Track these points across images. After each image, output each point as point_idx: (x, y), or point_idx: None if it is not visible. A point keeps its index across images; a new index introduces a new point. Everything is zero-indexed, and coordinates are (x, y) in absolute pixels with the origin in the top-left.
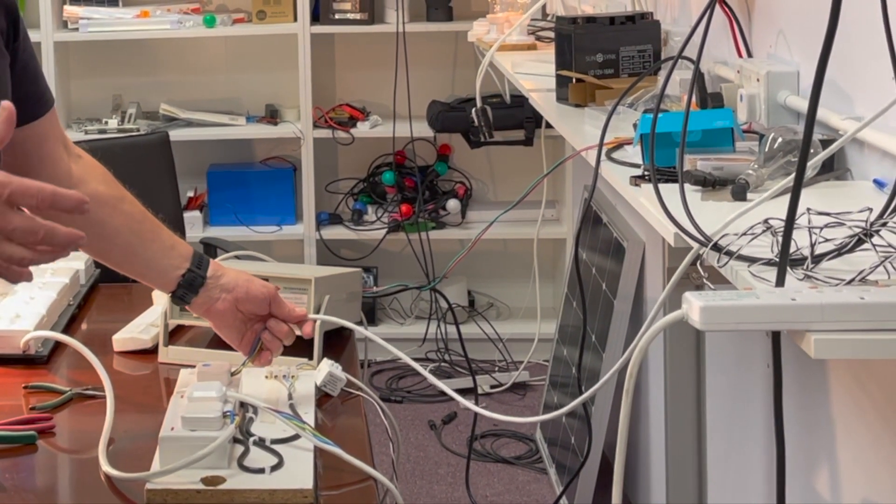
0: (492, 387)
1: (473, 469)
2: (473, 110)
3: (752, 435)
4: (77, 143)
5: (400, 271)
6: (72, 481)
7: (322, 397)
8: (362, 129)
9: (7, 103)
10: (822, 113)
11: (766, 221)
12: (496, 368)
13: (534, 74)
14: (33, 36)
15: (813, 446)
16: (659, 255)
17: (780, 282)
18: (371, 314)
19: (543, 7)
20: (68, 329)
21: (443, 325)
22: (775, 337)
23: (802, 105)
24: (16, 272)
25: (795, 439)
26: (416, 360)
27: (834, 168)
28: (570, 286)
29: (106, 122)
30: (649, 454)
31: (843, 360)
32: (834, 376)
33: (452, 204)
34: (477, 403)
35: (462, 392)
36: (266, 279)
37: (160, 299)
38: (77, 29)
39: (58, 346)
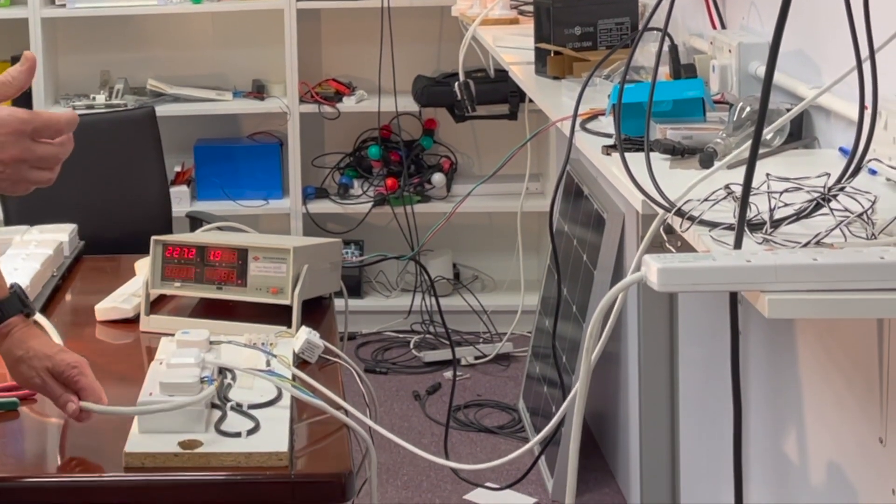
0: (476, 358)
1: (456, 438)
2: (457, 84)
3: (722, 401)
4: None
5: (386, 244)
6: (52, 447)
7: (300, 364)
8: (348, 104)
9: (30, 53)
10: (789, 83)
11: (727, 187)
12: (480, 340)
13: (515, 48)
14: (21, 12)
15: (780, 410)
16: (636, 226)
17: (738, 244)
18: (357, 287)
19: None
20: (52, 299)
21: (428, 298)
22: (732, 298)
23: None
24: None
25: (763, 403)
26: (401, 331)
27: (802, 137)
28: (553, 258)
29: (93, 98)
30: (628, 422)
31: (810, 326)
32: (801, 342)
33: (437, 178)
34: (456, 374)
35: (446, 363)
36: (246, 249)
37: (143, 270)
38: (64, 5)
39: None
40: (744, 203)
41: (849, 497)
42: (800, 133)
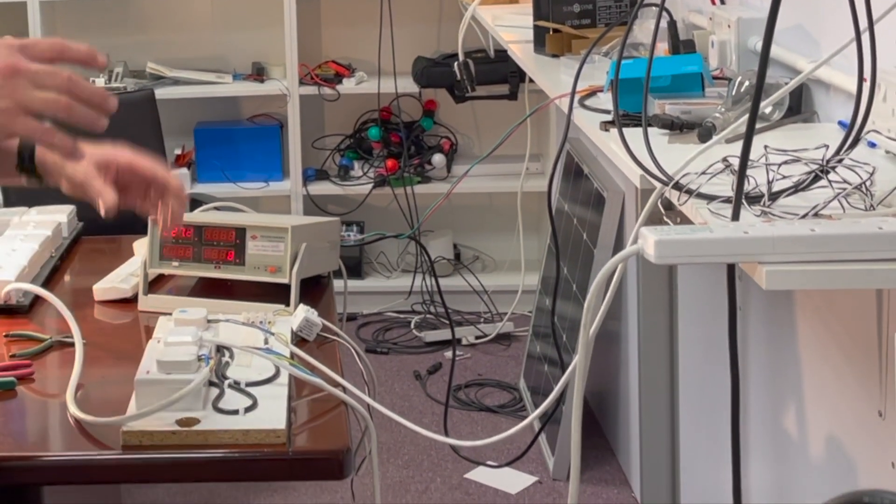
0: (477, 338)
1: (457, 417)
2: (456, 64)
3: (722, 378)
4: None
5: (386, 225)
6: (50, 426)
7: (298, 342)
8: (348, 86)
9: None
10: (788, 57)
11: (724, 160)
12: (481, 320)
13: (514, 27)
14: None
15: (780, 386)
16: (636, 204)
17: (735, 216)
18: (357, 268)
19: None
20: (50, 280)
21: (428, 278)
22: (730, 272)
23: (773, 50)
24: (54, 134)
25: (763, 380)
26: (402, 312)
27: (801, 111)
28: (552, 237)
29: (93, 81)
30: (628, 401)
31: (810, 301)
32: (801, 317)
33: (438, 158)
34: (456, 354)
35: (447, 343)
36: (244, 228)
37: (141, 250)
38: None
39: (39, 297)
40: (741, 175)
41: (848, 471)
42: (799, 107)
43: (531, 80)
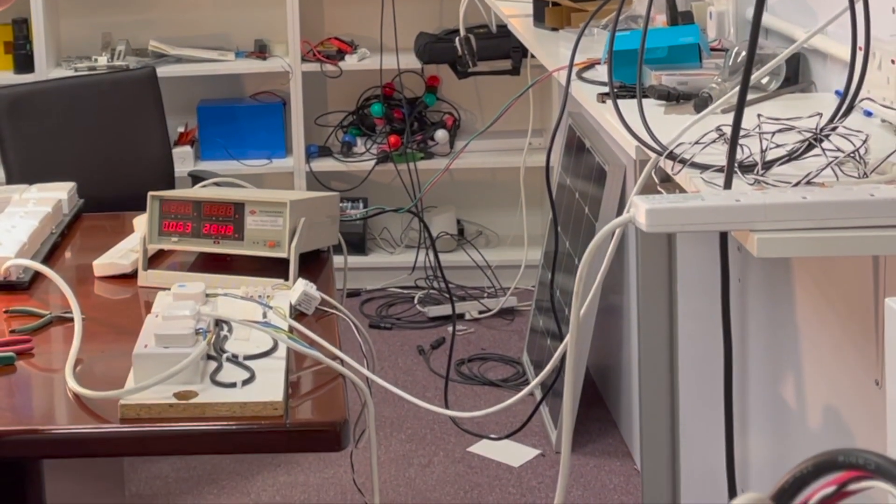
0: (480, 312)
1: (460, 391)
2: (457, 39)
3: (721, 349)
4: (66, 79)
5: (389, 201)
6: (49, 400)
7: (297, 316)
8: (350, 62)
9: None
10: (786, 27)
11: (718, 129)
12: (485, 294)
13: (515, 2)
14: None
15: (779, 355)
16: (636, 176)
17: (728, 185)
18: (361, 244)
19: None
20: (51, 257)
21: (432, 254)
22: (723, 240)
23: (769, 20)
24: None
25: (762, 350)
26: (405, 287)
27: (799, 81)
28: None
29: (95, 60)
30: (631, 373)
31: (807, 270)
32: (799, 286)
33: (441, 134)
34: (456, 328)
35: (450, 318)
36: (242, 203)
37: (141, 226)
38: None
39: (40, 273)
40: (733, 144)
41: (846, 440)
42: (797, 77)
43: (534, 56)
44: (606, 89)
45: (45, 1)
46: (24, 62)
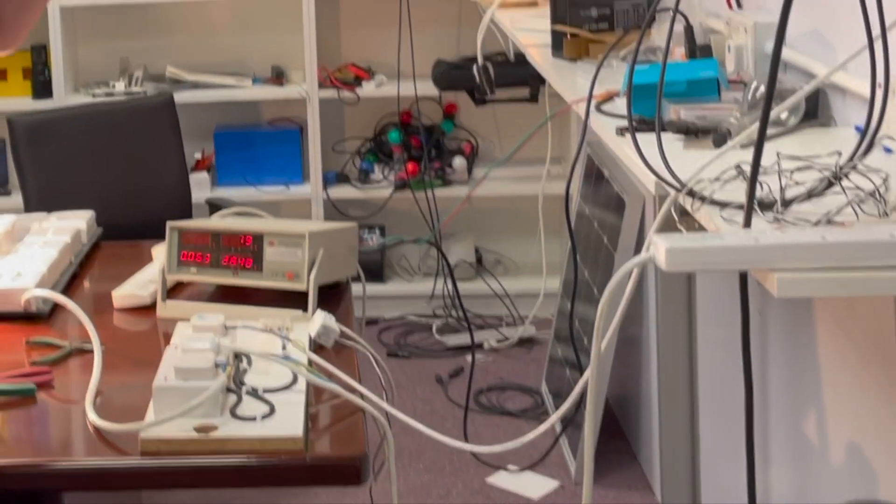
0: (498, 341)
1: (479, 422)
2: (475, 67)
3: (741, 380)
4: (84, 105)
5: (407, 229)
6: (69, 432)
7: (316, 349)
8: (368, 89)
9: None
10: (806, 62)
11: (737, 166)
12: (503, 323)
13: (533, 30)
14: None
15: (801, 391)
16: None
17: (747, 223)
18: (379, 272)
19: None
20: (70, 286)
21: (450, 282)
22: (742, 279)
23: (789, 55)
24: None
25: (783, 385)
26: (423, 316)
27: (818, 116)
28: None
29: (113, 86)
30: (650, 404)
31: (828, 306)
32: (820, 324)
33: (458, 162)
34: (474, 358)
35: (469, 347)
36: (261, 234)
37: (160, 256)
38: None
39: (59, 303)
40: (752, 182)
41: (868, 477)
42: (816, 112)
43: None
44: (625, 122)
45: (63, 27)
46: (42, 88)
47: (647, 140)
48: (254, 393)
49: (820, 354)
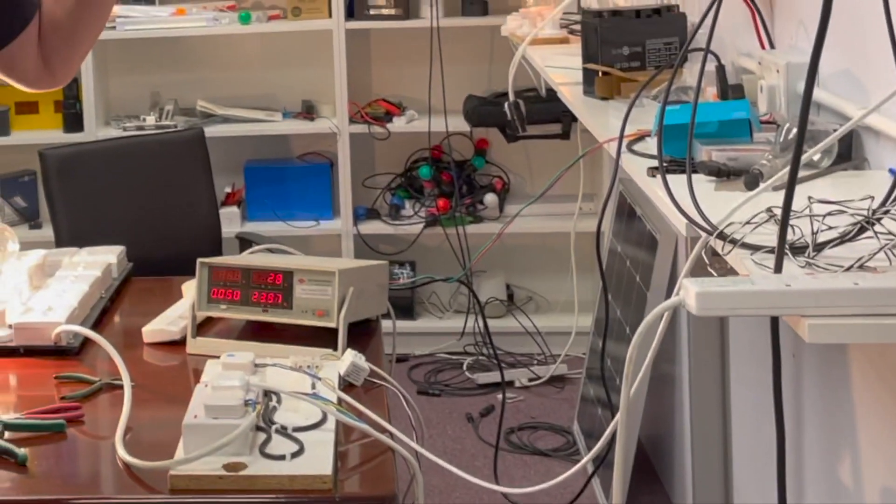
0: (530, 380)
1: (510, 461)
2: (507, 104)
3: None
4: (115, 139)
5: (438, 265)
6: (98, 468)
7: (346, 388)
8: (398, 124)
9: None
10: (838, 103)
11: (769, 210)
12: (535, 362)
13: (564, 68)
14: None
15: (834, 434)
16: (687, 248)
17: (778, 269)
18: (409, 309)
19: (578, 1)
20: (100, 321)
21: (481, 319)
22: (774, 323)
23: (821, 96)
24: None
25: (817, 427)
26: (454, 353)
27: (851, 158)
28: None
29: (144, 119)
30: (683, 444)
31: (864, 351)
32: (855, 366)
33: (490, 198)
34: (505, 396)
35: (499, 385)
36: (291, 272)
37: (190, 292)
38: (114, 27)
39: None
40: (783, 226)
41: None
42: (849, 154)
43: None
44: (656, 163)
45: (94, 60)
46: (73, 121)
47: (678, 181)
48: (283, 431)
49: (854, 397)
